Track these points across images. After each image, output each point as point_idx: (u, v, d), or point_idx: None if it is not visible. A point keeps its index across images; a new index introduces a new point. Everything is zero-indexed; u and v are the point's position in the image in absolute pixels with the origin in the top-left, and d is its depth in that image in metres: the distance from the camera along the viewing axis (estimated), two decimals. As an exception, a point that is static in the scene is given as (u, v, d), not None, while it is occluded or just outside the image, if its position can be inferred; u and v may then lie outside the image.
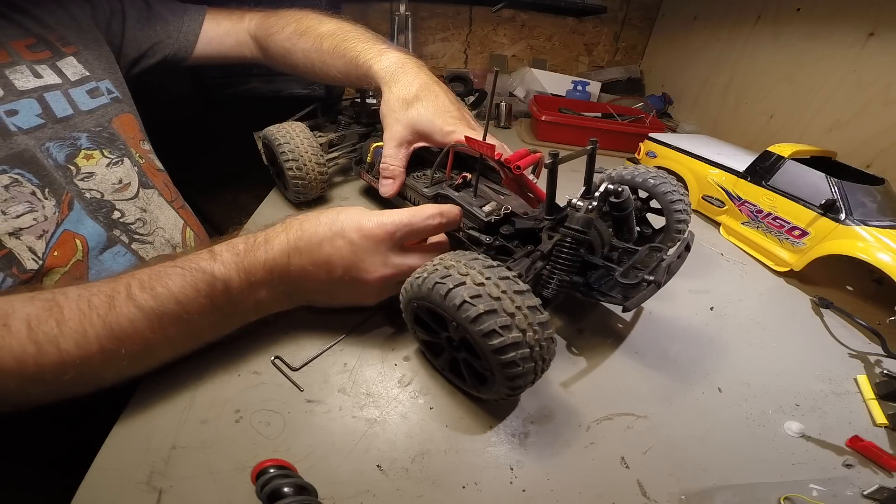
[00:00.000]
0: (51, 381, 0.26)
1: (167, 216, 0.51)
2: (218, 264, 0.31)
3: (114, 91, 0.49)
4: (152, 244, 0.47)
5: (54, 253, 0.39)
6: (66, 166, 0.42)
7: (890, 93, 0.68)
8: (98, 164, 0.44)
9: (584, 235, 0.33)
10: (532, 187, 0.42)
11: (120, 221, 0.45)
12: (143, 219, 0.47)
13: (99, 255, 0.42)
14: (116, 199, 0.45)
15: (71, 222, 0.40)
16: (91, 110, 0.45)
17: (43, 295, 0.28)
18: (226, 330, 0.34)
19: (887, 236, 0.44)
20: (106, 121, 0.47)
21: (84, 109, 0.45)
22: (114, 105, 0.49)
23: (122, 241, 0.44)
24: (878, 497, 0.29)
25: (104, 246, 0.43)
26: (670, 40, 1.24)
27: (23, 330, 0.26)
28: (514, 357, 0.26)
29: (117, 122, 0.48)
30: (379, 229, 0.33)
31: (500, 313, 0.26)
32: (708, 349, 0.41)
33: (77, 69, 0.46)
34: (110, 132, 0.46)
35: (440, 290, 0.28)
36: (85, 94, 0.46)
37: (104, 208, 0.44)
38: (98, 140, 0.45)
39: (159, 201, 0.50)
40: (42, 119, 0.41)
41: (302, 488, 0.24)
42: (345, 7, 1.17)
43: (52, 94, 0.43)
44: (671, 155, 0.71)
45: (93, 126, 0.45)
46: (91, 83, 0.46)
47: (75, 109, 0.44)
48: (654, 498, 0.29)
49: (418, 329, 0.34)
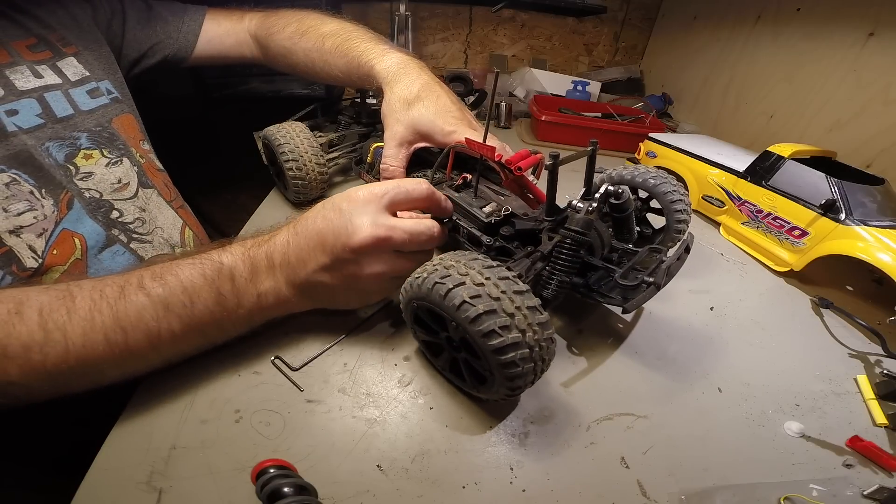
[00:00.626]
0: (52, 372, 0.26)
1: (166, 216, 0.51)
2: (227, 254, 0.33)
3: (113, 91, 0.50)
4: (151, 243, 0.47)
5: (53, 251, 0.39)
6: (65, 166, 0.42)
7: (890, 93, 0.68)
8: (97, 163, 0.44)
9: (584, 237, 0.33)
10: (532, 188, 0.42)
11: (119, 221, 0.45)
12: (141, 218, 0.47)
13: (98, 254, 0.42)
14: (115, 198, 0.45)
15: (70, 221, 0.40)
16: (91, 110, 0.46)
17: (58, 286, 0.29)
18: (230, 329, 0.33)
19: (887, 236, 0.44)
20: (106, 121, 0.47)
21: (84, 109, 0.45)
22: (114, 105, 0.49)
23: (121, 240, 0.45)
24: (878, 497, 0.29)
25: (103, 245, 0.43)
26: (670, 40, 1.24)
27: (34, 318, 0.26)
28: (514, 357, 0.26)
29: (117, 122, 0.48)
30: (366, 192, 0.33)
31: (499, 313, 0.26)
32: (708, 349, 0.41)
33: (77, 69, 0.46)
34: (110, 132, 0.47)
35: (440, 290, 0.28)
36: (85, 94, 0.46)
37: (103, 207, 0.44)
38: (98, 140, 0.45)
39: (158, 201, 0.50)
40: (42, 119, 0.41)
41: (302, 488, 0.24)
42: (345, 7, 1.17)
43: (52, 94, 0.43)
44: (671, 155, 0.71)
45: (93, 126, 0.45)
46: (91, 83, 0.47)
47: (76, 109, 0.44)
48: (654, 498, 0.29)
49: (418, 329, 0.34)
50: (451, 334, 0.30)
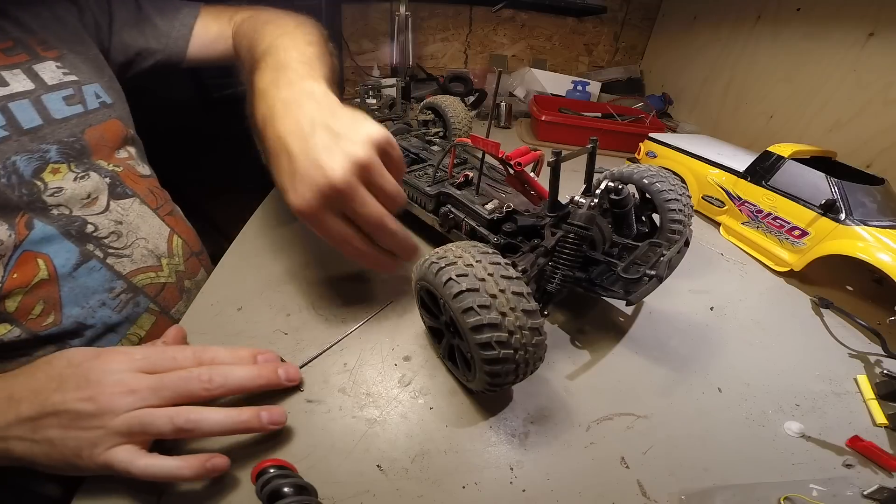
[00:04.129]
0: None
1: (151, 225, 0.48)
2: None
3: (102, 95, 0.47)
4: (130, 257, 0.44)
5: (13, 275, 0.37)
6: (32, 182, 0.39)
7: (890, 93, 0.68)
8: (65, 178, 0.41)
9: (587, 231, 0.33)
10: (534, 184, 0.42)
11: (93, 236, 0.42)
12: (117, 231, 0.44)
13: (73, 271, 0.40)
14: (86, 213, 0.42)
15: (31, 243, 0.38)
16: (65, 118, 0.42)
17: None
18: None
19: (887, 236, 0.44)
20: (80, 131, 0.43)
21: (57, 118, 0.42)
22: (97, 112, 0.45)
23: (97, 255, 0.42)
24: (878, 497, 0.29)
25: (78, 262, 0.40)
26: (670, 40, 1.24)
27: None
28: (490, 339, 0.26)
29: (95, 132, 0.45)
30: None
31: (481, 293, 0.27)
32: (708, 349, 0.41)
33: (55, 74, 0.43)
34: (82, 144, 0.43)
35: (433, 269, 0.29)
36: (61, 100, 0.42)
37: (75, 223, 0.41)
38: (68, 152, 0.42)
39: (141, 210, 0.47)
40: (6, 131, 0.38)
41: (302, 488, 0.24)
42: (345, 7, 1.17)
43: (17, 103, 0.39)
44: (671, 155, 0.71)
45: (65, 136, 0.42)
46: (67, 90, 0.43)
47: (46, 118, 0.41)
48: (654, 498, 0.29)
49: (424, 313, 0.36)
50: (444, 315, 0.31)
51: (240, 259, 0.48)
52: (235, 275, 0.46)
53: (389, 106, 0.74)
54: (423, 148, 0.58)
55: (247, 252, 0.50)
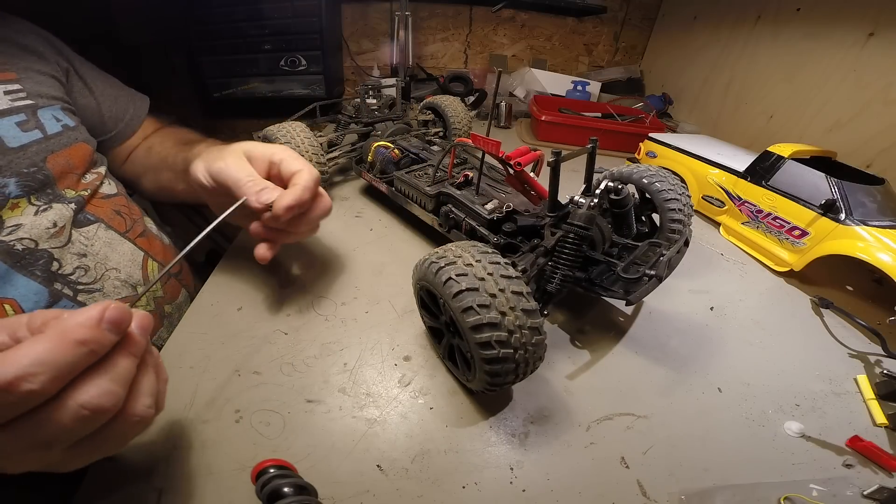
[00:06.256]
0: None
1: (121, 252, 0.44)
2: None
3: (62, 118, 0.42)
4: (101, 291, 0.41)
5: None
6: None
7: (890, 93, 0.68)
8: (24, 213, 0.37)
9: (587, 231, 0.33)
10: (534, 184, 0.42)
11: (59, 274, 0.39)
12: (83, 266, 0.40)
13: None
14: (52, 246, 0.39)
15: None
16: (23, 146, 0.38)
17: None
18: None
19: (887, 236, 0.44)
20: (40, 159, 0.39)
21: (12, 146, 0.37)
22: (58, 137, 0.41)
23: (67, 294, 0.39)
24: (878, 497, 0.29)
25: (48, 303, 0.37)
26: (670, 40, 1.24)
27: None
28: (490, 338, 0.26)
29: (59, 158, 0.41)
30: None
31: (480, 292, 0.27)
32: (708, 349, 0.41)
33: (3, 99, 0.38)
34: (44, 173, 0.39)
35: (433, 269, 0.29)
36: (14, 126, 0.38)
37: (41, 260, 0.37)
38: (28, 185, 0.38)
39: (108, 236, 0.43)
40: None
41: (302, 488, 0.24)
42: (345, 7, 1.17)
43: None
44: (671, 155, 0.71)
45: (25, 167, 0.38)
46: (20, 115, 0.39)
47: (1, 148, 0.37)
48: (654, 498, 0.29)
49: (424, 313, 0.36)
50: (444, 315, 0.31)
51: (240, 259, 0.48)
52: (235, 275, 0.46)
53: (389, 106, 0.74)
54: (423, 148, 0.58)
55: (247, 252, 0.49)
